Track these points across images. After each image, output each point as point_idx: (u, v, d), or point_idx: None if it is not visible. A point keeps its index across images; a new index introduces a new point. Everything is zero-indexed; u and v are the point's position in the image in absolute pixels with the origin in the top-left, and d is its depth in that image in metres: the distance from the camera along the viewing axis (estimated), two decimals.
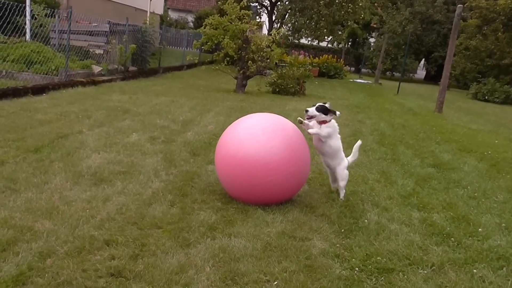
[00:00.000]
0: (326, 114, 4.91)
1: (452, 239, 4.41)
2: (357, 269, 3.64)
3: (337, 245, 4.04)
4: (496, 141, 10.47)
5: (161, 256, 3.49)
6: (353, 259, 3.79)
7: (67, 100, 9.51)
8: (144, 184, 5.04)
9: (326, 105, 4.97)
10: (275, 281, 3.32)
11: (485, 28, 28.69)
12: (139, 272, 3.24)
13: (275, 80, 15.70)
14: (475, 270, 3.81)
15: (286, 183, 4.67)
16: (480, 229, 4.72)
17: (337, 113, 4.97)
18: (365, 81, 27.93)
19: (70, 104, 9.08)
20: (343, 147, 5.29)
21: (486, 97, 24.59)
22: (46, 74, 11.26)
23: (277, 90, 15.60)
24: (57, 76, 11.52)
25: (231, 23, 14.12)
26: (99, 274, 3.16)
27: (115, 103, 9.71)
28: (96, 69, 13.54)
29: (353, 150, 5.47)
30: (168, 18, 38.93)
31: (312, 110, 4.92)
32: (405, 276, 3.59)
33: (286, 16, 26.79)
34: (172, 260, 3.45)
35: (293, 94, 15.40)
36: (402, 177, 6.47)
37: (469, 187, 6.25)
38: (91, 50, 14.78)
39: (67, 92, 10.50)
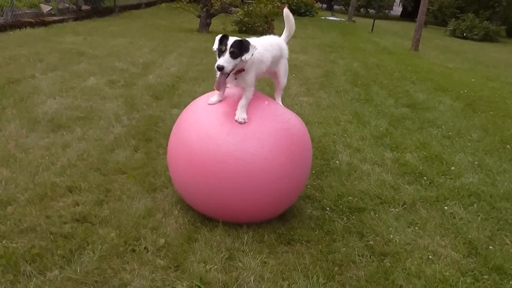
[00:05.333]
0: (247, 51, 3.09)
1: (425, 178, 4.66)
2: (328, 209, 3.83)
3: (308, 186, 4.19)
4: (473, 80, 10.74)
5: (127, 201, 3.60)
6: (324, 200, 3.98)
7: (16, 42, 9.30)
8: (105, 129, 5.09)
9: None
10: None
11: None
12: (105, 217, 3.35)
13: (242, 18, 15.53)
14: (446, 207, 4.06)
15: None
16: (452, 168, 4.98)
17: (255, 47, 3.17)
18: (338, 19, 27.81)
19: (19, 46, 8.89)
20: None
21: (465, 34, 24.78)
22: None
23: (244, 29, 15.43)
24: (2, 16, 11.16)
25: None
26: (64, 220, 3.26)
27: (68, 45, 9.55)
28: (46, 8, 13.15)
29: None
30: None
31: (226, 60, 3.03)
32: (377, 215, 3.81)
33: None
34: (138, 204, 3.57)
35: (261, 34, 15.12)
36: (375, 117, 6.66)
37: (443, 127, 6.50)
38: None
39: (14, 34, 10.25)
